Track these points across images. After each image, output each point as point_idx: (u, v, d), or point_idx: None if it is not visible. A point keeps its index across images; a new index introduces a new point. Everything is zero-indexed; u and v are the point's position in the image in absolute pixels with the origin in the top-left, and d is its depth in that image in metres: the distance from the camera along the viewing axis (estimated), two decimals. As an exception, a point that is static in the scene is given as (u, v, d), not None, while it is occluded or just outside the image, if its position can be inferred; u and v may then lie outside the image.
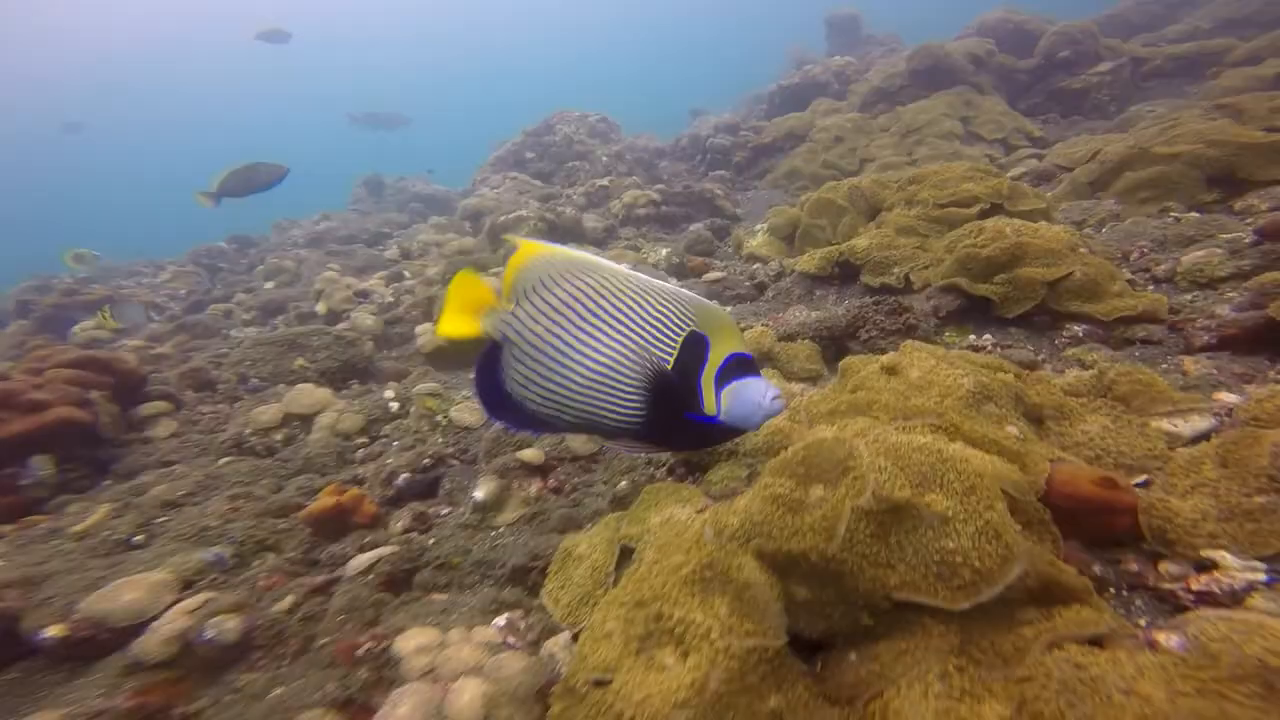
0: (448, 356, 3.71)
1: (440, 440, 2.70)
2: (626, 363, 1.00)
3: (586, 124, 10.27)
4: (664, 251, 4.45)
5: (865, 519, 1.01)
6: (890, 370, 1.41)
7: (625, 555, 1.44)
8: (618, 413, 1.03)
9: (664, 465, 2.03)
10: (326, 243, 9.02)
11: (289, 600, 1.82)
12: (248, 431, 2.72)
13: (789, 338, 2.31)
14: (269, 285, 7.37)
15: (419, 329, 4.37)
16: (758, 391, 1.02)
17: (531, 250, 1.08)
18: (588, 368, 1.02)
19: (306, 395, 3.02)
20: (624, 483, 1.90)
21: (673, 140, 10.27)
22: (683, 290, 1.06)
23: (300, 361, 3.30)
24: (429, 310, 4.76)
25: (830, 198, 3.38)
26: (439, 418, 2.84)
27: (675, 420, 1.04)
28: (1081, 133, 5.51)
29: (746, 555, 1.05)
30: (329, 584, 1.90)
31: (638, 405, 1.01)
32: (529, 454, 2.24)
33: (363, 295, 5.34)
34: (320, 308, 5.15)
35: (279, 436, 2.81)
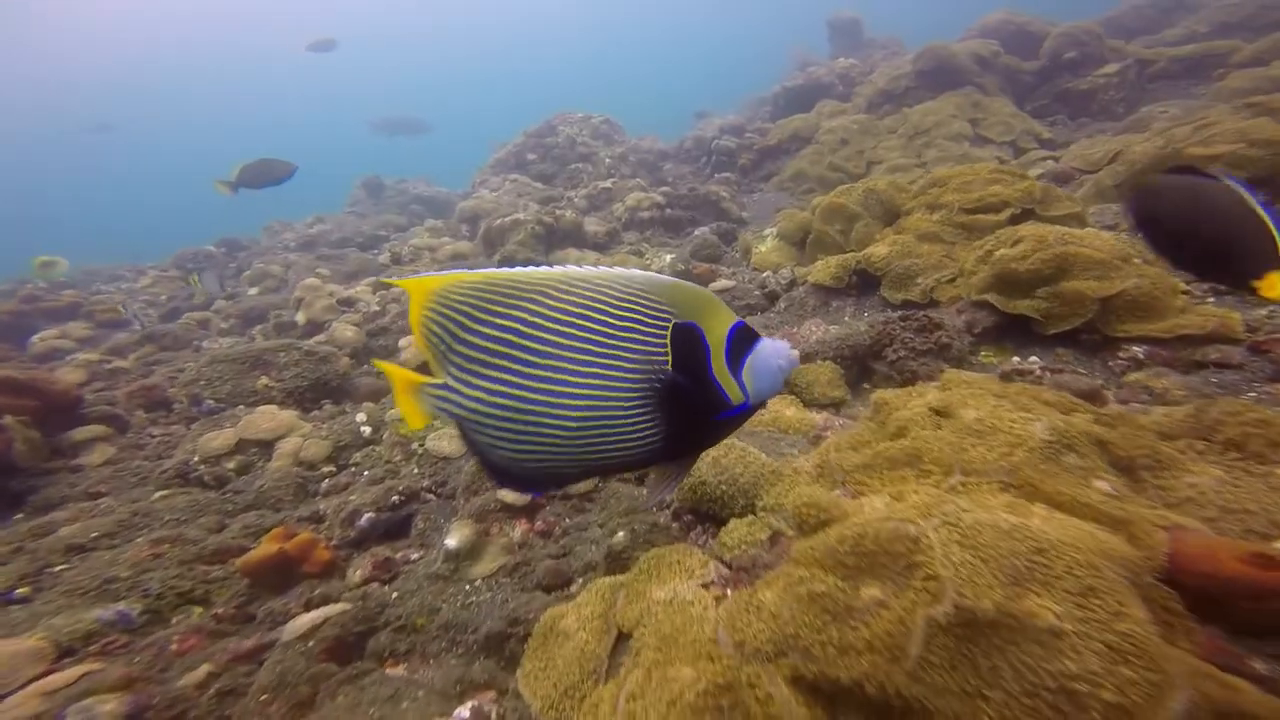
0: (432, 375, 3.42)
1: (415, 471, 2.40)
2: (618, 387, 0.84)
3: (590, 125, 10.12)
4: (668, 257, 4.19)
5: (943, 634, 0.73)
6: (941, 412, 1.13)
7: (622, 637, 1.15)
8: (630, 445, 0.86)
9: (668, 508, 1.74)
10: (318, 246, 8.77)
11: (204, 671, 1.52)
12: (195, 460, 2.43)
13: (807, 357, 2.03)
14: (253, 291, 7.09)
15: (404, 341, 4.08)
16: (773, 356, 0.89)
17: (423, 294, 0.86)
18: (568, 416, 0.83)
19: (266, 418, 2.73)
20: (621, 534, 1.61)
21: (677, 142, 10.15)
22: (640, 274, 0.88)
23: (265, 380, 3.00)
24: (413, 320, 4.46)
25: (843, 202, 3.12)
26: (415, 445, 2.55)
27: (704, 426, 0.90)
28: (1094, 134, 5.31)
29: (778, 679, 0.76)
30: (260, 649, 1.60)
31: (651, 427, 0.85)
32: (512, 494, 1.95)
33: (347, 304, 5.06)
34: (300, 317, 4.86)
35: (231, 465, 2.51)
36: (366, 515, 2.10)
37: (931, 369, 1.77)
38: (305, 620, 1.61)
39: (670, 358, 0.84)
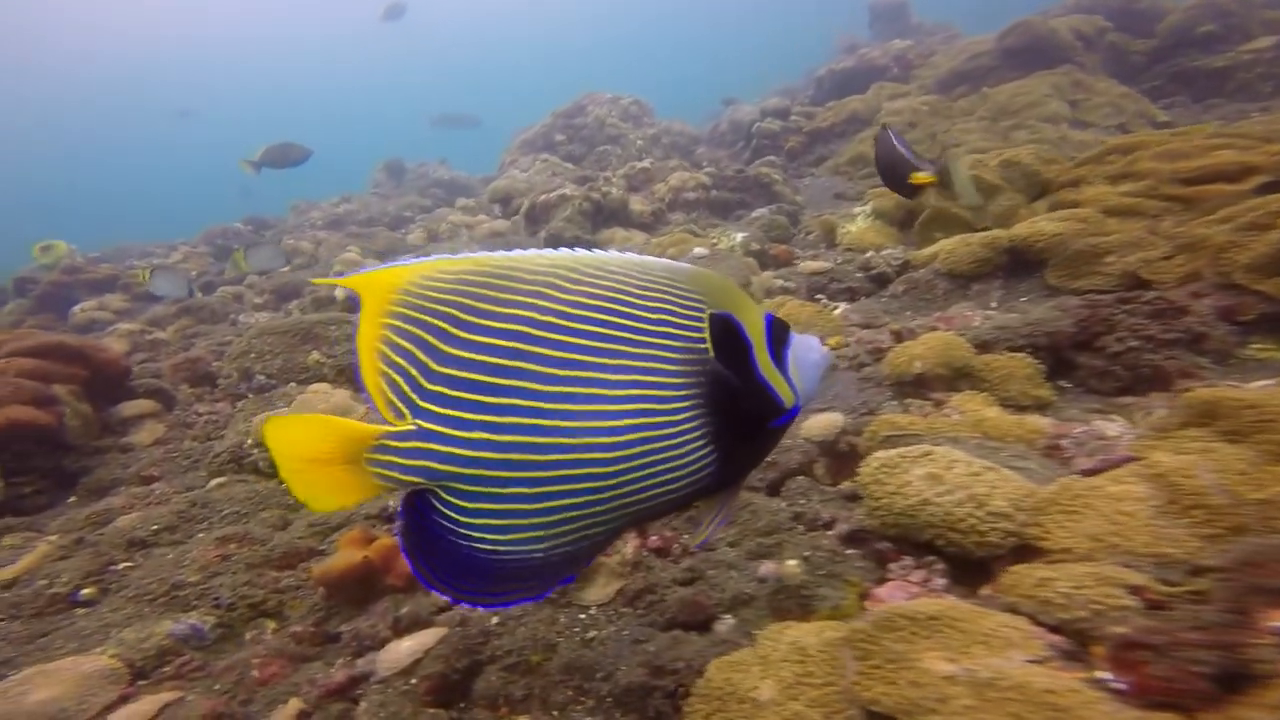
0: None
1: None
2: (662, 395, 0.67)
3: (619, 106, 10.08)
4: (739, 236, 3.83)
5: None
6: None
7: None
8: (681, 472, 0.69)
9: (829, 530, 1.41)
10: (347, 225, 8.78)
11: (294, 708, 1.24)
12: (248, 443, 2.15)
13: (983, 346, 1.68)
14: (284, 268, 7.02)
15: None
16: (811, 349, 0.79)
17: (381, 294, 0.63)
18: (603, 445, 0.64)
19: (321, 398, 2.44)
20: (793, 563, 1.28)
21: (710, 125, 9.96)
22: (657, 260, 0.73)
23: (316, 356, 2.72)
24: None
25: (975, 175, 2.73)
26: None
27: (759, 436, 0.76)
28: (1238, 116, 4.73)
29: None
30: (352, 683, 1.31)
31: (703, 443, 0.69)
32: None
33: (386, 280, 4.83)
34: (340, 293, 4.61)
35: (289, 449, 2.22)
36: (451, 516, 1.80)
37: (1184, 364, 1.41)
38: (404, 651, 1.31)
39: (712, 352, 0.69)
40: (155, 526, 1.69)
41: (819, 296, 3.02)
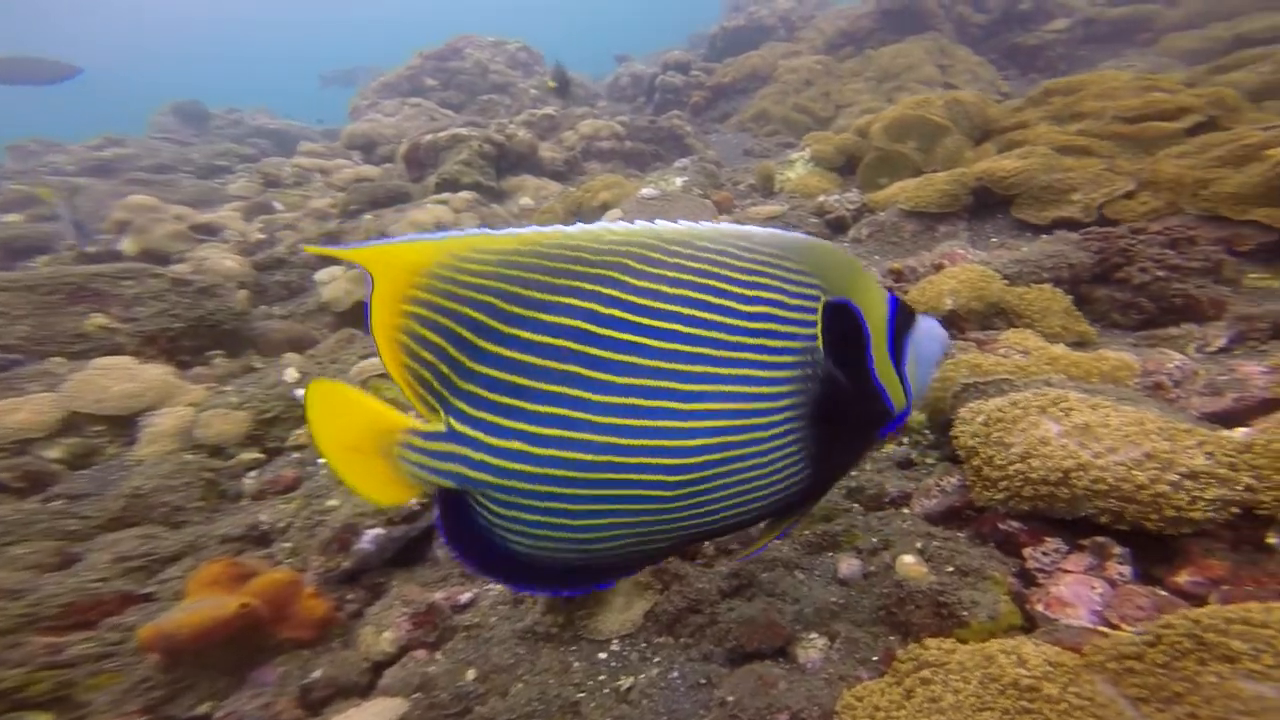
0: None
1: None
2: (754, 407, 0.57)
3: (505, 52, 9.27)
4: (679, 181, 3.45)
5: None
6: None
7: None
8: (766, 488, 0.59)
9: (901, 508, 1.16)
10: (121, 171, 6.76)
11: None
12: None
13: (1009, 279, 1.54)
14: (12, 218, 5.18)
15: (320, 275, 2.91)
16: (933, 338, 0.66)
17: (401, 274, 0.52)
18: (672, 466, 0.55)
19: (118, 376, 1.60)
20: (909, 558, 0.99)
21: (610, 78, 9.56)
22: (762, 231, 0.60)
23: (99, 319, 1.78)
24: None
25: (922, 115, 2.67)
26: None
27: (861, 444, 0.68)
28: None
29: None
30: None
31: (797, 456, 0.59)
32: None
33: (206, 231, 3.62)
34: (128, 245, 3.34)
35: (54, 454, 1.40)
36: (372, 532, 1.22)
37: (1213, 293, 1.38)
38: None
39: (822, 349, 0.59)
40: None
41: (775, 242, 2.81)
